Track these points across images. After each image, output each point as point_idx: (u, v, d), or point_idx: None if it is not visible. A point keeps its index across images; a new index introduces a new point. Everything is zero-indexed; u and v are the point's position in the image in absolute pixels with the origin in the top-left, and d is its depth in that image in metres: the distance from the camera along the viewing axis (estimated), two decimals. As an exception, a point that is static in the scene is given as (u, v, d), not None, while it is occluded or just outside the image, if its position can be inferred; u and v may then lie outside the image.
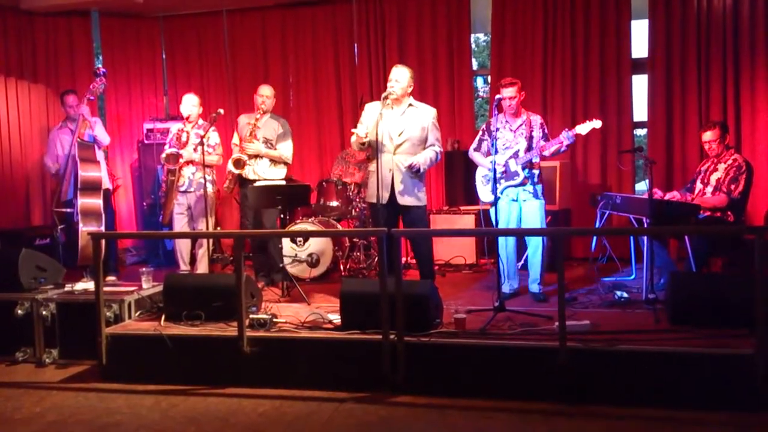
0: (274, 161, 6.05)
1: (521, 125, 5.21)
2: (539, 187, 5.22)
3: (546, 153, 5.08)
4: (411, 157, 4.95)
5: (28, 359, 4.59)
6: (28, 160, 7.77)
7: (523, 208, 5.21)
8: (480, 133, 5.43)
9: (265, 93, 6.10)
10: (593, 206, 5.48)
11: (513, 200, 5.23)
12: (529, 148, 5.14)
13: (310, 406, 3.71)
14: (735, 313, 3.70)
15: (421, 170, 4.96)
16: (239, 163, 5.95)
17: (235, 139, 6.20)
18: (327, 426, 3.46)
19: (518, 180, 5.16)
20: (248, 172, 5.99)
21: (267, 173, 6.02)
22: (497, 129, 5.16)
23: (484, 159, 5.31)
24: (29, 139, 7.79)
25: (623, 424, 3.35)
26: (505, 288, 5.27)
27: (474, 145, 5.44)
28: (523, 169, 5.14)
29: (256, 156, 5.99)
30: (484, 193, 5.38)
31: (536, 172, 5.23)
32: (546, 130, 5.22)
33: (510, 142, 5.21)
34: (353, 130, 5.17)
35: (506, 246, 5.32)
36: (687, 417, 3.35)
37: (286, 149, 6.10)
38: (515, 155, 5.16)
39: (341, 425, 3.47)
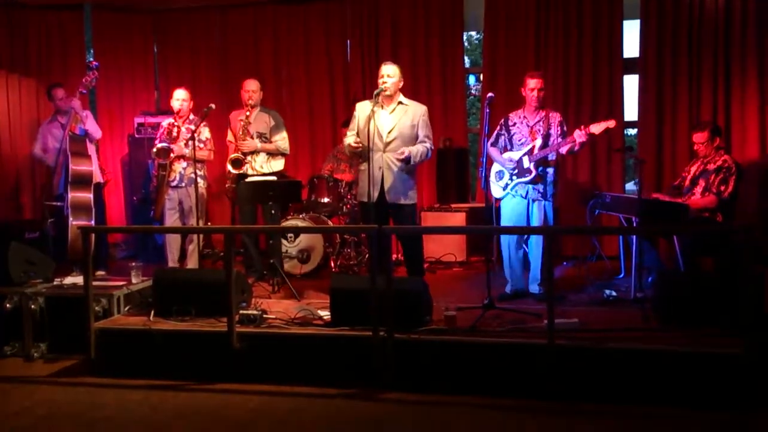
0: (271, 154, 6.04)
1: (539, 121, 5.12)
2: (551, 188, 5.10)
3: (562, 151, 5.01)
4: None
5: (16, 353, 4.57)
6: (19, 153, 7.71)
7: (532, 208, 5.11)
8: (498, 127, 5.30)
9: (251, 88, 6.07)
10: (583, 205, 5.50)
11: (522, 197, 5.12)
12: (544, 146, 5.04)
13: (299, 402, 3.72)
14: (723, 312, 3.72)
15: (411, 161, 4.88)
16: (238, 163, 5.94)
17: (230, 137, 6.18)
18: (316, 422, 3.47)
19: (530, 177, 5.05)
20: (247, 169, 5.98)
21: (265, 167, 6.01)
22: (514, 123, 5.11)
23: (500, 155, 5.21)
24: (19, 132, 7.74)
25: (611, 422, 3.37)
26: (507, 288, 5.23)
27: (491, 139, 5.28)
28: (536, 167, 5.05)
29: (254, 151, 5.99)
30: (495, 189, 5.27)
31: (551, 170, 5.11)
32: (565, 128, 5.12)
33: (526, 138, 5.12)
34: (348, 133, 5.14)
35: (509, 245, 5.22)
36: (674, 415, 3.38)
37: (281, 141, 6.08)
38: (529, 152, 5.09)
39: (331, 421, 3.48)
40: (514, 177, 5.11)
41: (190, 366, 4.08)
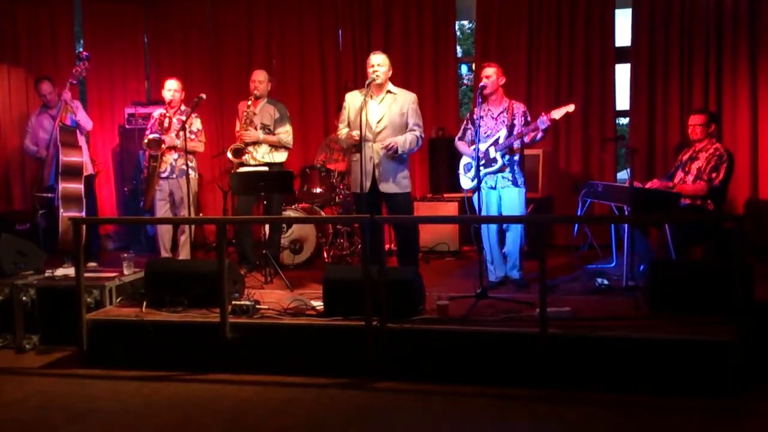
0: (274, 146, 6.02)
1: (502, 112, 5.19)
2: (519, 175, 5.17)
3: (525, 139, 5.08)
4: None
5: (8, 345, 4.56)
6: (8, 144, 7.66)
7: (502, 196, 5.18)
8: (464, 122, 5.42)
9: (258, 78, 6.03)
10: (575, 194, 5.51)
11: (491, 188, 5.19)
12: (509, 136, 5.11)
13: (292, 392, 3.72)
14: (713, 300, 3.74)
15: (399, 151, 4.89)
16: (238, 152, 5.90)
17: (238, 127, 6.14)
18: (310, 412, 3.47)
19: (496, 166, 5.12)
20: (249, 159, 5.95)
21: (267, 158, 5.98)
22: (480, 117, 5.16)
23: (467, 148, 5.30)
24: (9, 123, 7.68)
25: (602, 410, 3.39)
26: (491, 276, 5.27)
27: (459, 134, 5.42)
28: (502, 156, 5.11)
29: (256, 142, 5.96)
30: (465, 181, 5.38)
31: (516, 158, 5.17)
32: (528, 118, 5.17)
33: (491, 130, 5.19)
34: (340, 125, 5.14)
35: (488, 234, 5.31)
36: (665, 403, 3.40)
37: (284, 134, 6.04)
38: (495, 142, 5.14)
39: (324, 411, 3.48)
40: (482, 168, 5.15)
41: (182, 357, 4.08)
